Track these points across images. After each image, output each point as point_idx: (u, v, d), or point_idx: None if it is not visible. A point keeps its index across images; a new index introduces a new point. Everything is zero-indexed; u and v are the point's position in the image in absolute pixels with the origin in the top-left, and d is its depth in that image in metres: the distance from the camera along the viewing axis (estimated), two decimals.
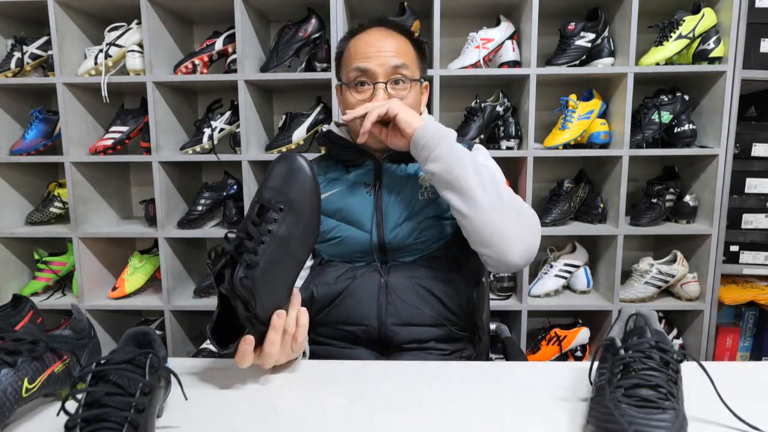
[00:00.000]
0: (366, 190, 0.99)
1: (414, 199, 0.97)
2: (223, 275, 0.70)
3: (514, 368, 0.80)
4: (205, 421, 0.64)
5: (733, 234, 1.74)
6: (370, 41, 0.97)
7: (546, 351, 1.80)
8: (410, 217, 0.96)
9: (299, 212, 0.72)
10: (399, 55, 0.96)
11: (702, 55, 1.63)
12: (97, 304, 1.79)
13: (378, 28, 1.00)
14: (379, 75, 0.94)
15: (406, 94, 0.96)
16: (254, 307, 0.69)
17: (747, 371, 0.77)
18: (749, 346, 1.86)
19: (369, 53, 0.95)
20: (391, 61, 0.94)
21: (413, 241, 0.95)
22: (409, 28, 1.04)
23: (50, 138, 1.81)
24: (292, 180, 0.72)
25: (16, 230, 1.81)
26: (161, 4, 1.70)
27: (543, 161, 1.91)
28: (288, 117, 1.74)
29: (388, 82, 0.95)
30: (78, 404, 0.53)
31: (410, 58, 0.98)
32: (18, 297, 0.76)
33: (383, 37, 0.97)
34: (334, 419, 0.64)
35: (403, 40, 1.00)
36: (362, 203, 0.98)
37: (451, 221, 0.98)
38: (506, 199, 0.86)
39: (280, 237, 0.70)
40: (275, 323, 0.71)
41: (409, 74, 0.97)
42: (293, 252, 0.72)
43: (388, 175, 1.00)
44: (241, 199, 1.76)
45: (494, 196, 0.84)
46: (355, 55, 0.97)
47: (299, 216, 0.72)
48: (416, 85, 0.99)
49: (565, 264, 1.81)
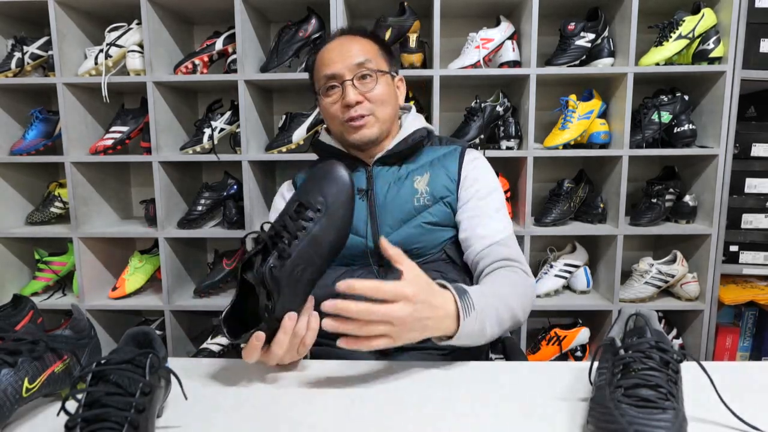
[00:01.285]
0: (358, 196, 0.99)
1: (409, 204, 0.97)
2: (252, 263, 0.72)
3: (514, 368, 0.80)
4: (205, 421, 0.64)
5: (732, 234, 1.74)
6: (333, 49, 1.00)
7: (546, 351, 1.80)
8: (405, 222, 0.97)
9: (334, 216, 0.74)
10: (360, 52, 0.99)
11: (702, 55, 1.64)
12: (97, 304, 1.79)
13: (340, 37, 1.03)
14: (345, 75, 0.97)
15: (375, 86, 0.98)
16: (276, 300, 0.70)
17: (747, 371, 0.77)
18: (749, 346, 1.86)
19: (334, 59, 0.99)
20: (354, 60, 0.97)
21: (409, 248, 0.96)
22: (371, 31, 1.06)
23: (50, 138, 1.81)
24: (332, 185, 0.76)
25: (16, 230, 1.81)
26: (161, 4, 1.70)
27: (543, 161, 1.91)
28: (288, 117, 1.74)
29: (354, 78, 0.97)
30: (78, 404, 0.53)
31: (373, 54, 1.01)
32: (18, 297, 0.76)
33: (345, 42, 1.01)
34: (334, 419, 0.64)
35: (365, 40, 1.02)
36: (356, 209, 0.98)
37: (447, 227, 0.99)
38: (519, 312, 0.85)
39: (313, 236, 0.72)
40: (285, 325, 0.71)
41: (373, 66, 0.99)
42: (322, 252, 0.74)
43: (379, 179, 1.00)
44: (241, 199, 1.76)
45: (509, 322, 0.83)
46: (321, 64, 1.01)
47: (333, 220, 0.74)
48: (385, 76, 1.01)
49: (565, 264, 1.81)
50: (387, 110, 1.01)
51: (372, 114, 0.98)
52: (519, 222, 1.74)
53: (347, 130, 0.99)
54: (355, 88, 0.97)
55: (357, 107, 0.97)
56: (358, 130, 0.98)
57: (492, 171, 1.05)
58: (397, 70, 1.08)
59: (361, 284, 0.65)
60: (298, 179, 1.09)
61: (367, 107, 0.98)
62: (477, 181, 1.00)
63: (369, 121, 0.98)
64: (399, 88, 1.07)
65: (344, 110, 0.98)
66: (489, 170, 1.05)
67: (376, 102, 0.98)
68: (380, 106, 0.99)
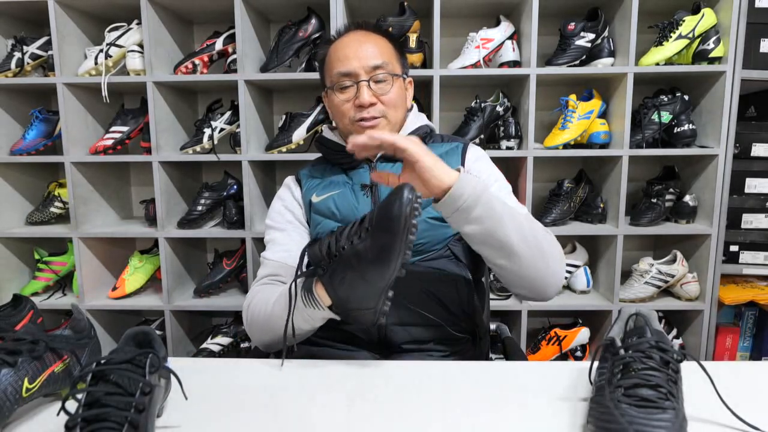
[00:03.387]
0: (363, 193, 0.99)
1: None
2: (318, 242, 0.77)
3: (514, 368, 0.80)
4: (205, 421, 0.64)
5: (732, 234, 1.74)
6: (349, 45, 0.99)
7: (546, 351, 1.80)
8: None
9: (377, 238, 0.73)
10: (378, 54, 0.98)
11: (702, 55, 1.63)
12: (97, 304, 1.79)
13: (356, 31, 1.02)
14: (361, 75, 0.97)
15: (390, 89, 0.98)
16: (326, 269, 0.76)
17: (747, 371, 0.77)
18: (749, 346, 1.86)
19: (349, 56, 0.97)
20: (371, 61, 0.97)
21: (414, 244, 0.95)
22: (386, 29, 1.05)
23: (50, 138, 1.81)
24: (388, 209, 0.72)
25: (16, 230, 1.81)
26: (161, 4, 1.70)
27: (543, 161, 1.91)
28: (288, 117, 1.74)
29: (371, 80, 0.97)
30: (78, 404, 0.54)
31: (389, 56, 1.00)
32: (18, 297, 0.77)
33: (362, 40, 1.00)
34: (334, 419, 0.64)
35: (382, 40, 1.02)
36: (360, 205, 0.98)
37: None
38: (544, 243, 0.84)
39: (357, 251, 0.73)
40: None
41: (390, 69, 0.98)
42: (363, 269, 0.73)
43: None
44: (241, 199, 1.76)
45: (535, 247, 0.82)
46: (336, 59, 0.99)
47: (376, 241, 0.72)
48: (399, 80, 1.01)
49: (565, 264, 1.81)
50: (398, 113, 1.01)
51: (384, 116, 0.98)
52: None
53: (357, 130, 0.98)
54: (369, 89, 0.96)
55: (370, 109, 0.97)
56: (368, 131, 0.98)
57: (494, 166, 1.05)
58: (407, 71, 1.07)
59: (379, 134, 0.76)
60: (302, 174, 1.08)
61: (380, 109, 0.98)
62: (481, 172, 1.01)
63: (381, 123, 0.98)
64: (408, 90, 1.07)
65: (357, 110, 0.97)
66: (492, 165, 1.05)
67: (389, 105, 0.98)
68: (392, 109, 0.99)
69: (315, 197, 1.02)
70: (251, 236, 1.72)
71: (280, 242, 1.00)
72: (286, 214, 1.04)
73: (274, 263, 0.98)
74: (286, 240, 1.00)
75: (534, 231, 0.83)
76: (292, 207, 1.05)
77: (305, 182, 1.06)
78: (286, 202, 1.06)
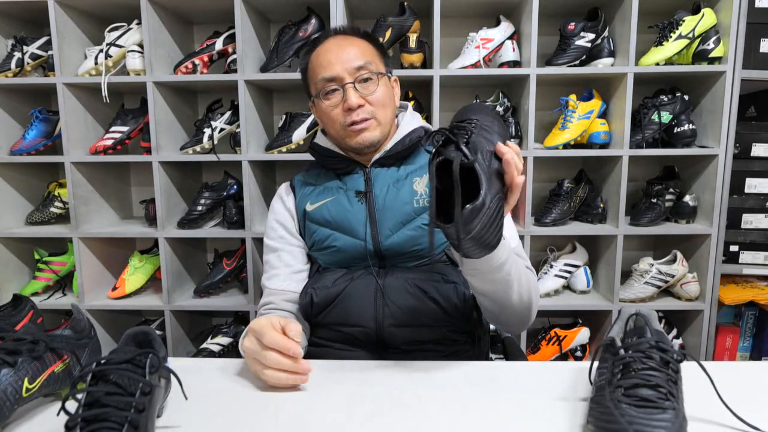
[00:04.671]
0: (357, 199, 0.99)
1: (408, 206, 0.97)
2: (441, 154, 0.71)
3: (514, 368, 0.80)
4: (205, 421, 0.64)
5: (732, 234, 1.74)
6: (330, 50, 0.99)
7: (546, 351, 1.80)
8: (405, 224, 0.96)
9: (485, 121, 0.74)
10: (360, 55, 0.98)
11: (702, 55, 1.63)
12: (97, 304, 1.79)
13: (335, 36, 1.02)
14: (345, 78, 0.96)
15: (375, 89, 0.98)
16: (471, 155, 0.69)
17: (747, 371, 0.77)
18: (749, 346, 1.86)
19: (332, 61, 0.97)
20: (353, 63, 0.96)
21: (410, 249, 0.96)
22: (364, 31, 1.05)
23: (50, 138, 1.81)
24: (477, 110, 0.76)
25: (16, 230, 1.80)
26: (161, 4, 1.70)
27: (543, 161, 1.91)
28: (288, 117, 1.74)
29: (356, 81, 0.96)
30: (78, 404, 0.54)
31: (371, 56, 1.00)
32: (18, 297, 0.77)
33: (342, 44, 0.99)
34: (334, 419, 0.64)
35: (361, 41, 1.02)
36: (354, 211, 0.98)
37: None
38: (533, 296, 0.87)
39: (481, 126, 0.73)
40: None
41: (374, 68, 0.98)
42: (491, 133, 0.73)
43: (378, 181, 1.00)
44: (241, 198, 1.76)
45: (527, 302, 0.86)
46: (318, 66, 0.99)
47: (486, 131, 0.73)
48: (384, 78, 1.00)
49: (565, 264, 1.81)
50: (387, 112, 1.01)
51: (374, 117, 0.98)
52: (519, 222, 1.74)
53: (349, 135, 0.98)
54: (356, 91, 0.96)
55: (359, 111, 0.96)
56: (360, 133, 0.97)
57: None
58: (391, 70, 1.08)
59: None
60: (296, 181, 1.08)
61: (369, 110, 0.97)
62: None
63: (371, 124, 0.98)
64: (394, 89, 1.07)
65: (346, 114, 0.97)
66: None
67: (377, 105, 0.98)
68: (381, 109, 0.99)
69: (309, 206, 1.02)
70: (251, 236, 1.72)
71: (274, 266, 1.04)
72: (278, 229, 1.06)
73: (269, 290, 1.02)
74: (278, 263, 1.03)
75: (528, 284, 0.86)
76: (283, 220, 1.06)
77: (299, 189, 1.06)
78: (278, 215, 1.07)
